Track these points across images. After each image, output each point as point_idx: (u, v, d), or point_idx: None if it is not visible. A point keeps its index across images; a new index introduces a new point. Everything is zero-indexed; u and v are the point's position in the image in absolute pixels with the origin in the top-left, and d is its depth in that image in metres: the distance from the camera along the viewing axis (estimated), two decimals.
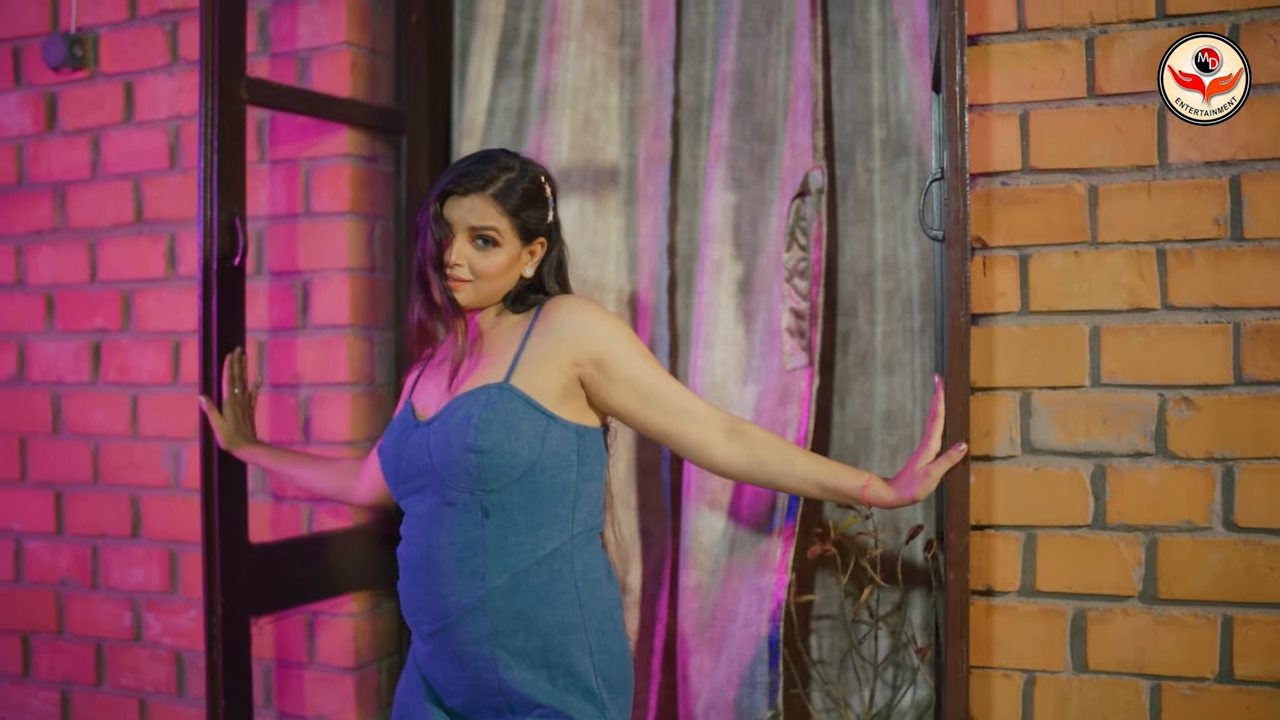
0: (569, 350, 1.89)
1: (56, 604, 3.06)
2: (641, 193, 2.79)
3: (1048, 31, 2.16)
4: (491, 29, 2.85)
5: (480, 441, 1.81)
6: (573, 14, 2.78)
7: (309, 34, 2.75)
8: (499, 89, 2.87)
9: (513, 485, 1.84)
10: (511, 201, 1.90)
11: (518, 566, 1.85)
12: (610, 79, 2.81)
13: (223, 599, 2.34)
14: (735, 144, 2.63)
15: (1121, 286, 2.11)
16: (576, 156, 2.78)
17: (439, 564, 1.86)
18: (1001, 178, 2.17)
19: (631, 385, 1.90)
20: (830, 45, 2.64)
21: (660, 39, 2.77)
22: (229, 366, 2.36)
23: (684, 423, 1.92)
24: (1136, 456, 2.10)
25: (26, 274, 3.09)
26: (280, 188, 2.78)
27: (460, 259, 1.90)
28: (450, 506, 1.86)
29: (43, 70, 3.03)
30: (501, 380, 1.87)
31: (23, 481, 3.11)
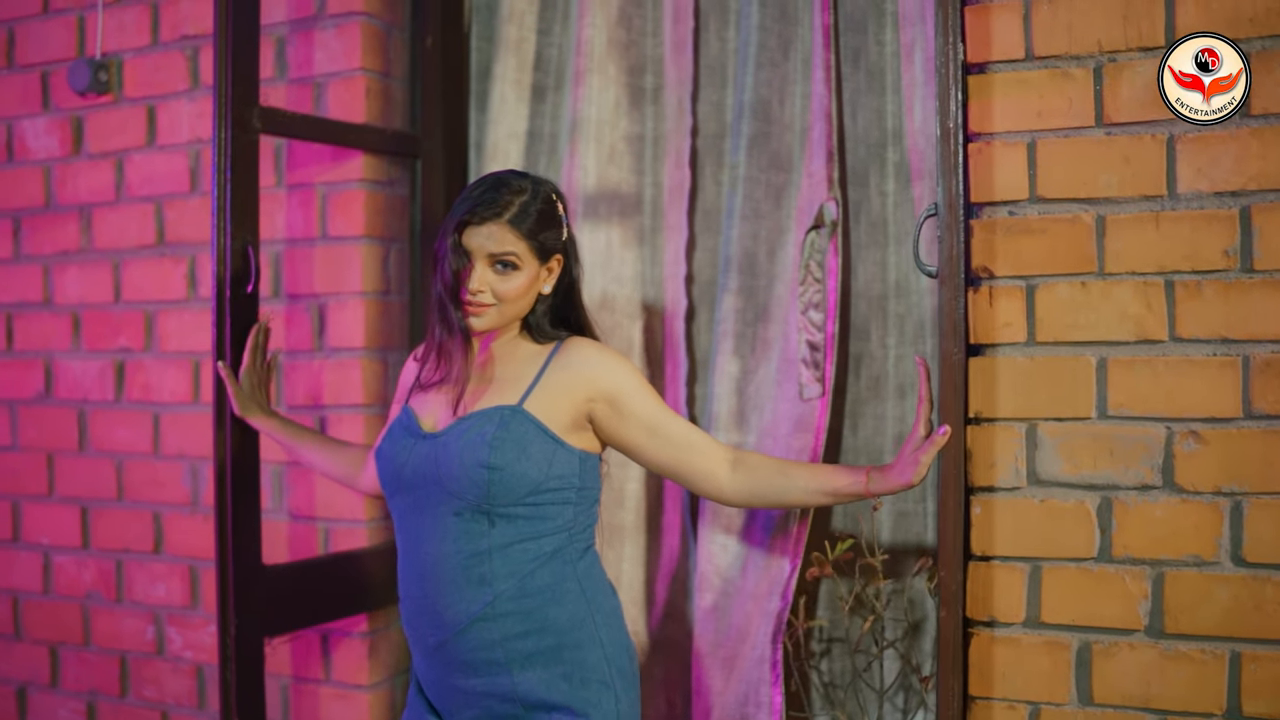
0: (584, 386, 1.98)
1: (83, 616, 3.12)
2: (665, 222, 2.80)
3: (1055, 60, 2.14)
4: (515, 54, 2.86)
5: (494, 459, 1.88)
6: (596, 45, 2.79)
7: (325, 60, 2.78)
8: (523, 114, 2.88)
9: (518, 502, 1.91)
10: (527, 224, 1.95)
11: (523, 570, 1.92)
12: (634, 109, 2.82)
13: (236, 620, 2.37)
14: (753, 174, 2.63)
15: (1129, 318, 2.08)
16: (603, 187, 2.80)
17: (444, 573, 1.91)
18: (1008, 207, 2.15)
19: (641, 421, 2.00)
20: (842, 70, 2.63)
21: (680, 68, 2.77)
22: (253, 336, 2.39)
23: (690, 456, 2.03)
24: (1143, 489, 2.07)
25: (54, 293, 3.15)
26: (297, 212, 2.82)
27: (482, 285, 1.95)
28: (456, 517, 1.91)
29: (69, 95, 3.09)
30: (515, 403, 1.94)
31: (50, 496, 3.17)
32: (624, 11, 2.81)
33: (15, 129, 3.20)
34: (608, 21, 2.80)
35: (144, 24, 3.01)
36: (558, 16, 2.90)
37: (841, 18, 2.62)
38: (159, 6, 2.99)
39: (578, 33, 2.82)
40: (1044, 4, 2.14)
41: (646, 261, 2.82)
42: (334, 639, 2.79)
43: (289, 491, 2.85)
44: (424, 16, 2.84)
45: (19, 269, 3.20)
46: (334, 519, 2.80)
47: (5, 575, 3.23)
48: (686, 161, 2.75)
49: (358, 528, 2.78)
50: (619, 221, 2.81)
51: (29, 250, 3.18)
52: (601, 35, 2.79)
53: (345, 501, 2.79)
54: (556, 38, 2.90)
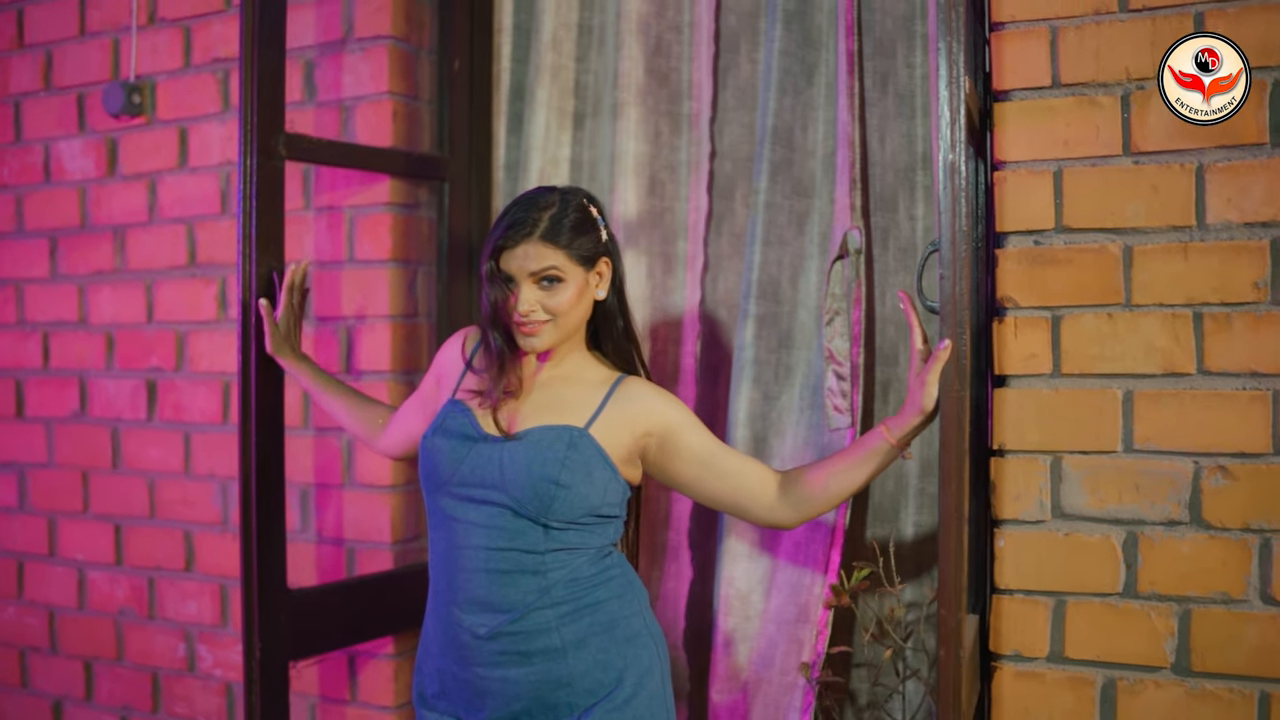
0: (642, 421, 2.03)
1: (116, 632, 3.16)
2: (696, 249, 2.80)
3: (1082, 87, 2.10)
4: (556, 81, 2.86)
5: (564, 477, 1.94)
6: (634, 77, 2.80)
7: (352, 84, 2.80)
8: (565, 140, 2.88)
9: (573, 522, 1.98)
10: (563, 236, 1.97)
11: (573, 563, 1.98)
12: (675, 136, 2.82)
13: (260, 644, 2.39)
14: (775, 200, 2.62)
15: (1156, 350, 2.05)
16: (645, 219, 2.80)
17: (500, 565, 1.95)
18: (1034, 236, 2.12)
19: (694, 454, 2.05)
20: (866, 96, 2.61)
21: (713, 93, 2.76)
22: (289, 275, 2.40)
23: (744, 484, 2.07)
24: (1170, 525, 2.04)
25: (89, 313, 3.19)
26: (325, 234, 2.84)
27: (531, 304, 1.98)
28: (516, 519, 1.96)
29: (104, 116, 3.12)
30: (582, 426, 1.99)
31: (85, 513, 3.21)
32: (662, 40, 2.81)
33: (52, 150, 3.25)
34: (645, 52, 2.80)
35: (176, 47, 3.04)
36: (594, 43, 2.89)
37: (869, 43, 2.60)
38: (191, 29, 3.02)
39: (616, 64, 2.82)
40: (1071, 31, 2.11)
41: (688, 285, 2.82)
42: (360, 660, 2.81)
43: (317, 513, 2.87)
44: (452, 39, 2.85)
45: (55, 288, 3.24)
46: (361, 541, 2.82)
47: (41, 590, 3.28)
48: (705, 187, 2.74)
49: (384, 550, 2.79)
50: (661, 251, 2.81)
51: (65, 270, 3.22)
52: (639, 67, 2.80)
53: (373, 524, 2.81)
54: (593, 64, 2.89)
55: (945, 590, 1.85)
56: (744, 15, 2.74)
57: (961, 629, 1.85)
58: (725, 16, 2.74)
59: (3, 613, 3.35)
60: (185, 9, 3.03)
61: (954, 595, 1.84)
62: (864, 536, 2.66)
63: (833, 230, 2.56)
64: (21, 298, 3.31)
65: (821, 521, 2.52)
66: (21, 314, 3.31)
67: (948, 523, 1.91)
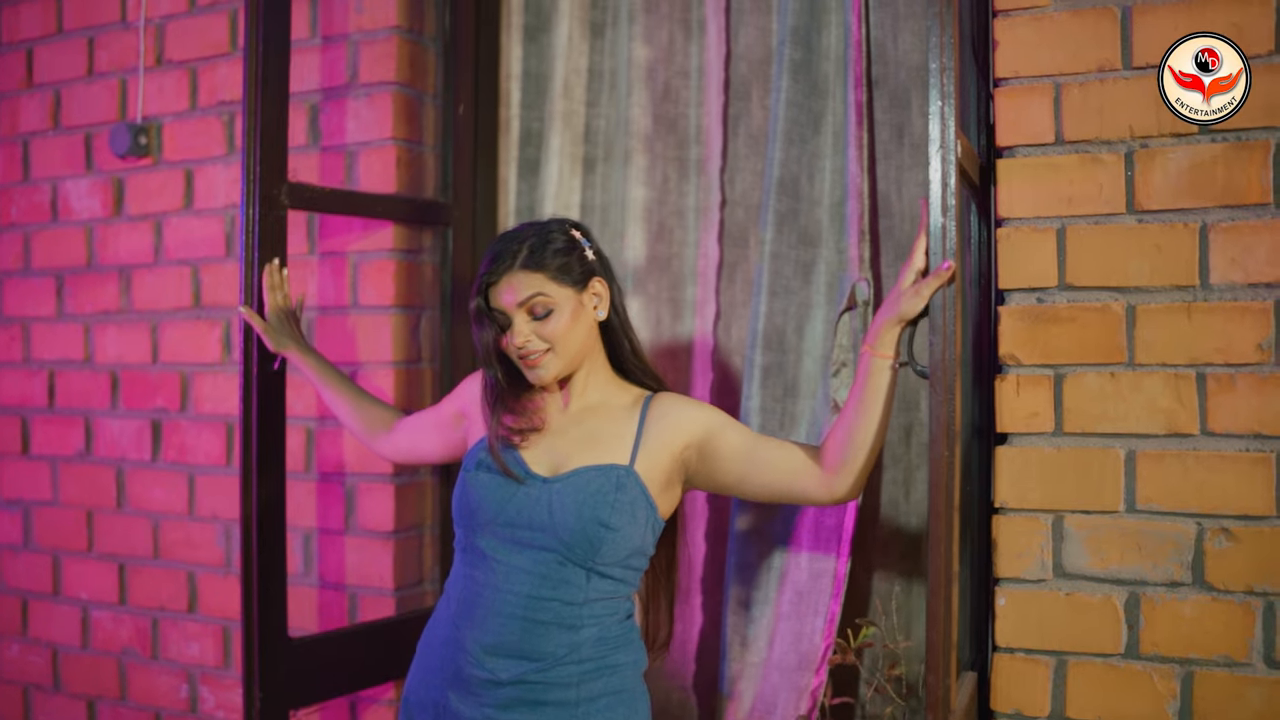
0: (680, 436, 2.01)
1: (119, 672, 3.16)
2: (707, 296, 2.80)
3: (1086, 144, 2.10)
4: (568, 127, 2.87)
5: (614, 520, 1.94)
6: (642, 123, 2.81)
7: (356, 129, 2.81)
8: (575, 186, 2.89)
9: (618, 564, 1.98)
10: (543, 260, 1.98)
11: (605, 620, 1.99)
12: (683, 181, 2.82)
13: (261, 694, 2.38)
14: (782, 250, 2.62)
15: (1159, 410, 2.04)
16: (653, 265, 2.82)
17: (538, 615, 1.95)
18: (1037, 294, 2.11)
19: (737, 451, 2.01)
20: (883, 148, 2.60)
21: (723, 141, 2.76)
22: (268, 275, 2.39)
23: (793, 470, 2.00)
24: (1172, 586, 2.03)
25: (94, 352, 3.20)
26: (329, 280, 2.84)
27: (525, 335, 1.98)
28: (560, 565, 1.95)
29: (111, 157, 3.14)
30: (627, 464, 1.99)
31: (89, 552, 3.21)
32: (670, 85, 2.81)
33: (60, 189, 3.26)
34: (653, 98, 2.81)
35: (183, 89, 3.05)
36: (604, 88, 2.90)
37: (883, 95, 2.59)
38: (197, 72, 3.03)
39: (626, 110, 2.83)
40: (1075, 87, 2.10)
41: (701, 331, 2.82)
42: (362, 705, 2.81)
43: (319, 558, 2.87)
44: (456, 85, 2.86)
45: (61, 327, 3.25)
46: (362, 587, 2.82)
47: (45, 628, 3.28)
48: (716, 236, 2.74)
49: (386, 596, 2.79)
50: (669, 296, 2.81)
51: (71, 309, 3.23)
52: (647, 113, 2.81)
53: (374, 570, 2.80)
54: (604, 109, 2.90)
55: (933, 658, 1.83)
56: (755, 63, 2.74)
57: (951, 695, 1.83)
58: (735, 65, 2.74)
59: (6, 650, 3.36)
60: (191, 51, 3.04)
61: (942, 663, 1.83)
62: (869, 584, 2.65)
63: (841, 281, 2.56)
64: (28, 336, 3.32)
65: (824, 570, 2.52)
66: (28, 352, 3.32)
67: (936, 589, 1.88)
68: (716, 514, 2.77)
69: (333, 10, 2.85)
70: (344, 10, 2.84)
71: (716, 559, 2.77)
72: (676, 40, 2.82)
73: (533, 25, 2.92)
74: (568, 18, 2.87)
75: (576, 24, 2.87)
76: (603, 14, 2.89)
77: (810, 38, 2.61)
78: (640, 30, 2.83)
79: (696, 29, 2.81)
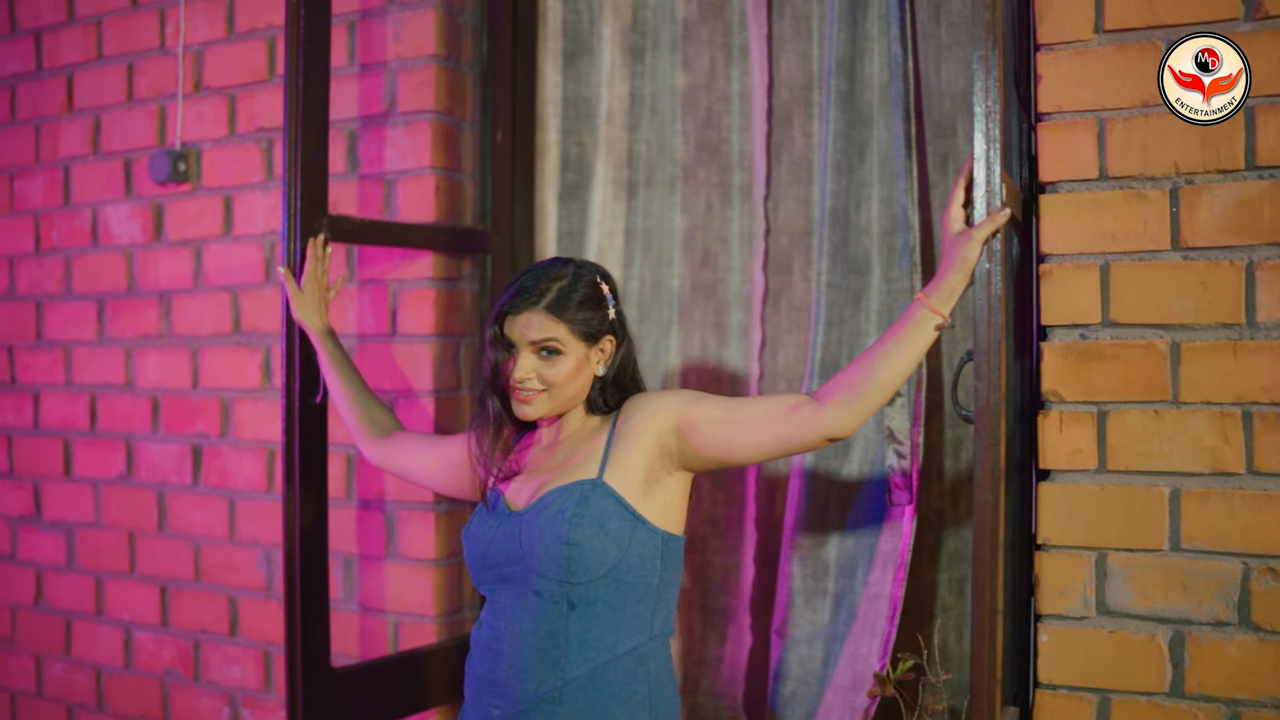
0: (649, 427, 1.96)
1: (162, 693, 3.20)
2: (753, 322, 2.81)
3: (1130, 180, 2.08)
4: (611, 153, 2.88)
5: (572, 534, 1.88)
6: (685, 150, 2.82)
7: (395, 158, 2.82)
8: (620, 212, 2.90)
9: (598, 580, 1.91)
10: (568, 310, 1.96)
11: (597, 661, 1.91)
12: (726, 207, 2.83)
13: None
14: (836, 281, 2.63)
15: (1204, 449, 2.03)
16: (697, 292, 2.83)
17: (521, 651, 1.92)
18: (1080, 330, 2.11)
19: (715, 419, 1.93)
20: (931, 176, 2.60)
21: (767, 170, 2.76)
22: (313, 245, 2.39)
23: (778, 421, 1.91)
24: (1218, 626, 2.02)
25: (135, 377, 3.23)
26: (369, 308, 2.86)
27: (528, 372, 1.97)
28: (537, 596, 1.92)
29: (150, 182, 3.16)
30: (595, 477, 1.94)
31: (131, 574, 3.25)
32: (711, 111, 2.82)
33: (100, 214, 3.29)
34: (696, 123, 2.82)
35: (221, 115, 3.07)
36: (645, 112, 2.91)
37: (928, 126, 2.60)
38: (236, 98, 3.05)
39: (668, 136, 2.84)
40: (1119, 123, 2.09)
41: (746, 356, 2.83)
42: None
43: (360, 584, 2.89)
44: (494, 112, 2.87)
45: (103, 351, 3.28)
46: (404, 613, 2.84)
47: (89, 649, 3.32)
48: (760, 265, 2.74)
49: (427, 623, 2.81)
50: (715, 322, 2.83)
51: (112, 333, 3.26)
52: (690, 140, 2.82)
53: (415, 597, 2.82)
54: (644, 134, 2.90)
55: (978, 700, 1.83)
56: (796, 89, 2.74)
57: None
58: (778, 91, 2.75)
59: (51, 669, 3.40)
60: (230, 78, 3.06)
61: (987, 706, 1.83)
62: (927, 604, 2.65)
63: (893, 311, 2.57)
64: (70, 359, 3.35)
65: (880, 594, 2.52)
66: (70, 375, 3.35)
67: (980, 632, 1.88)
68: (766, 537, 2.78)
69: (371, 38, 2.86)
70: (382, 38, 2.85)
71: (765, 581, 2.78)
72: (718, 66, 2.82)
73: (570, 50, 2.92)
74: (608, 43, 2.88)
75: (617, 49, 2.88)
76: (642, 39, 2.89)
77: (853, 67, 2.62)
78: (681, 56, 2.84)
79: (738, 54, 2.82)
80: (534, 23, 2.92)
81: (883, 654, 2.50)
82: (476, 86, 2.91)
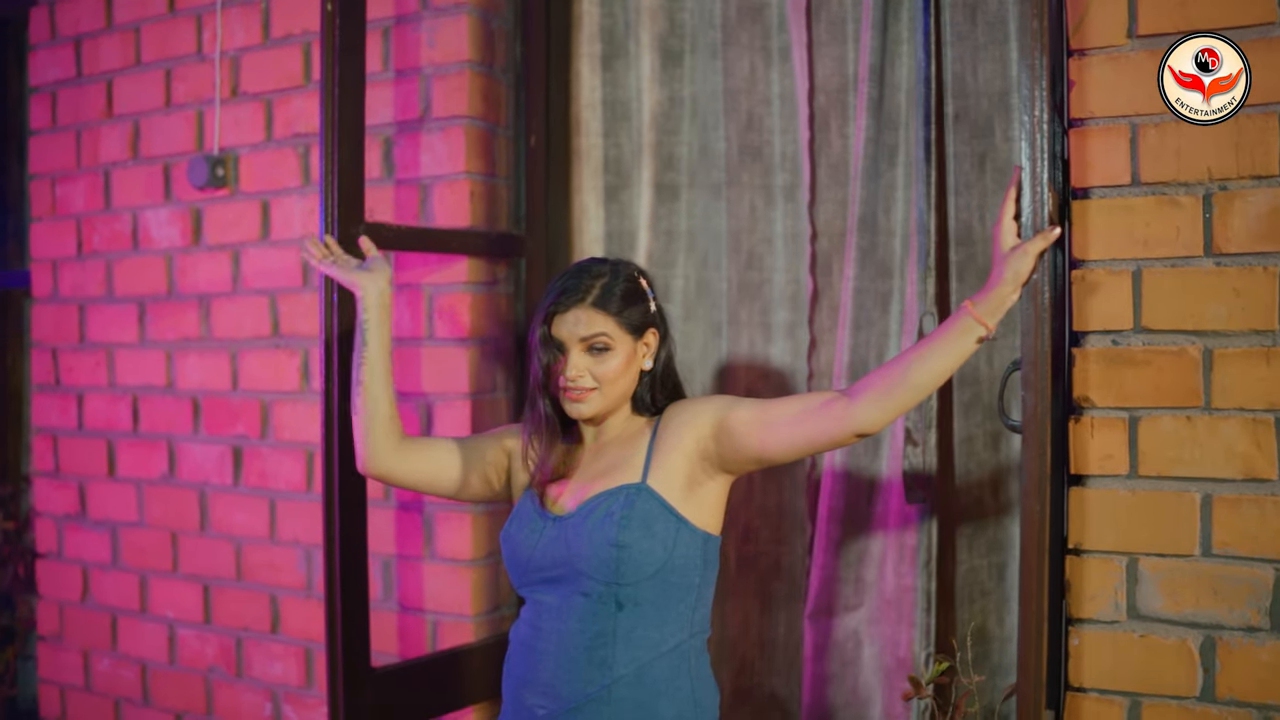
0: (688, 431, 2.00)
1: (206, 689, 3.26)
2: (796, 321, 2.85)
3: (1163, 186, 2.09)
4: (653, 154, 2.91)
5: (621, 537, 1.93)
6: (729, 153, 2.85)
7: (430, 163, 2.85)
8: (663, 214, 2.93)
9: (645, 581, 1.96)
10: (613, 304, 2.00)
11: (643, 659, 1.96)
12: (770, 208, 2.86)
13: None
14: (864, 285, 2.65)
15: (1236, 455, 2.03)
16: (743, 293, 2.86)
17: (568, 651, 1.96)
18: (1112, 336, 2.11)
19: (750, 421, 1.97)
20: (957, 180, 2.61)
21: (810, 175, 2.78)
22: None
23: (810, 418, 1.94)
24: (1249, 631, 2.03)
25: (176, 379, 3.28)
26: (404, 312, 2.89)
27: (580, 370, 1.99)
28: (585, 597, 1.96)
29: (189, 187, 3.20)
30: (639, 480, 1.99)
31: (175, 572, 3.31)
32: (753, 114, 2.85)
33: (140, 219, 3.34)
34: (737, 126, 2.85)
35: (258, 121, 3.11)
36: (686, 115, 2.92)
37: (962, 127, 2.60)
38: (272, 103, 3.09)
39: (708, 138, 2.87)
40: (1152, 129, 2.09)
41: (795, 354, 2.87)
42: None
43: (399, 584, 2.94)
44: (528, 116, 2.89)
45: (144, 353, 3.34)
46: (442, 612, 2.88)
47: (134, 644, 3.39)
48: (808, 268, 2.77)
49: (464, 622, 2.85)
50: (761, 321, 2.86)
51: (153, 336, 3.32)
52: (734, 145, 2.84)
53: (453, 596, 2.87)
54: (686, 136, 2.92)
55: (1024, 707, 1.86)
56: (832, 93, 2.76)
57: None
58: (816, 97, 2.76)
59: (99, 664, 3.47)
60: (267, 83, 3.10)
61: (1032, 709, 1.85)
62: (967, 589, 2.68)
63: (912, 313, 2.58)
64: (112, 361, 3.41)
65: (910, 585, 2.57)
66: (113, 377, 3.41)
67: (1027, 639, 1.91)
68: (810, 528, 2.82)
69: (405, 44, 2.89)
70: (416, 44, 2.88)
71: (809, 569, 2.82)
72: (758, 69, 2.84)
73: (608, 53, 2.94)
74: (647, 46, 2.90)
75: (655, 52, 2.90)
76: (680, 41, 2.91)
77: (884, 72, 2.63)
78: (721, 59, 2.86)
79: (777, 57, 2.83)
80: (568, 27, 2.95)
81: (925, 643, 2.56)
82: (510, 91, 2.93)
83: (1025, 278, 1.88)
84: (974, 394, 2.63)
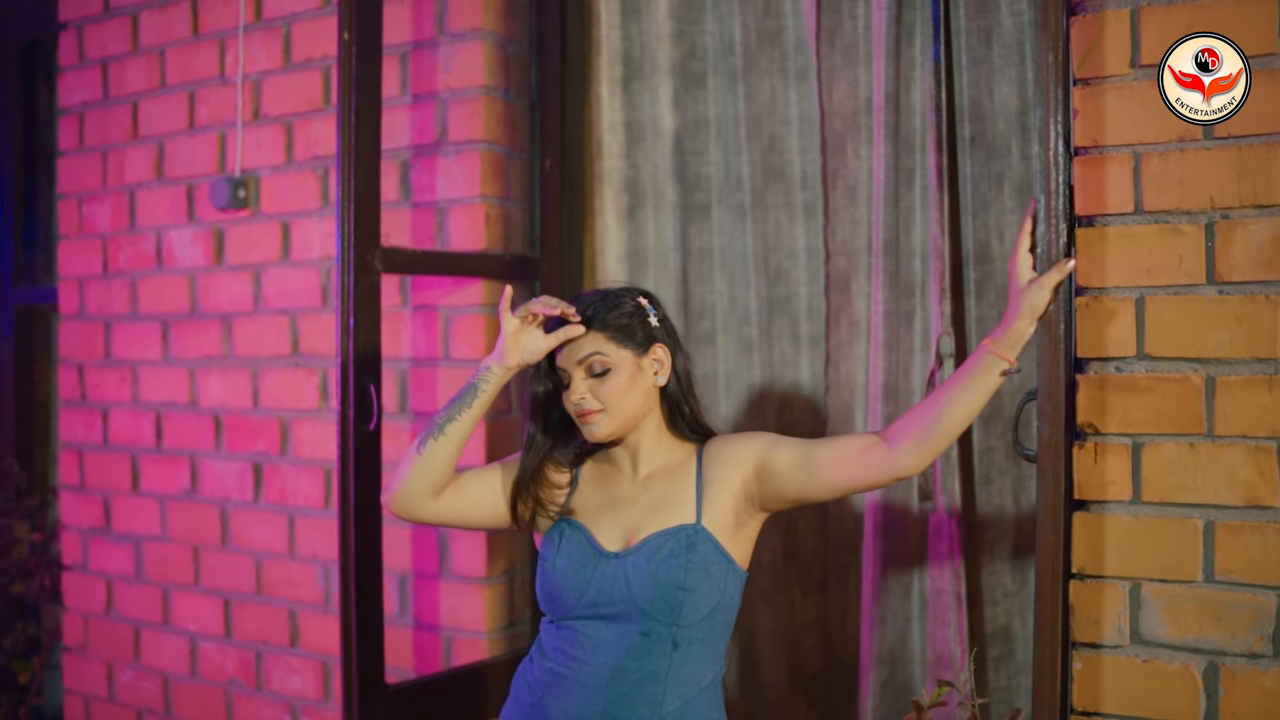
0: (737, 470, 2.04)
1: (226, 701, 3.31)
2: (817, 336, 2.88)
3: (1166, 214, 2.10)
4: (675, 174, 2.95)
5: (689, 580, 1.97)
6: (753, 174, 2.89)
7: (446, 186, 2.90)
8: (690, 234, 2.97)
9: (701, 622, 2.00)
10: (606, 323, 2.03)
11: (688, 695, 2.01)
12: (794, 225, 2.89)
13: None
14: (891, 308, 2.69)
15: (1239, 482, 2.04)
16: (773, 309, 2.90)
17: (621, 688, 1.98)
18: (1115, 363, 2.13)
19: (791, 463, 2.02)
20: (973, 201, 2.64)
21: (824, 197, 2.82)
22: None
23: (851, 462, 1.99)
24: (1252, 658, 2.04)
25: (199, 396, 3.34)
26: (421, 333, 2.94)
27: (581, 393, 2.02)
28: (644, 637, 1.99)
29: (211, 208, 3.26)
30: (695, 521, 2.02)
31: (196, 586, 3.37)
32: (774, 135, 2.88)
33: (164, 238, 3.40)
34: (760, 147, 2.88)
35: (279, 143, 3.16)
36: (709, 136, 2.96)
37: (979, 149, 2.63)
38: (293, 126, 3.14)
39: (730, 159, 2.91)
40: (1155, 157, 2.11)
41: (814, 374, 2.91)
42: None
43: (414, 600, 2.98)
44: (543, 140, 2.93)
45: (167, 370, 3.40)
46: (456, 629, 2.92)
47: (156, 657, 3.45)
48: (823, 289, 2.81)
49: (479, 639, 2.89)
50: (790, 335, 2.90)
51: (176, 354, 3.38)
52: (758, 167, 2.88)
53: (468, 613, 2.91)
54: (710, 156, 2.96)
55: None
56: (847, 116, 2.79)
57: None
58: (830, 120, 2.79)
59: (122, 675, 3.53)
60: (287, 106, 3.15)
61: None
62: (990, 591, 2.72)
63: (930, 332, 2.62)
64: (136, 378, 3.48)
65: (942, 588, 2.63)
66: (136, 393, 3.48)
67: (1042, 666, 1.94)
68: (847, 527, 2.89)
69: (422, 69, 2.94)
70: (432, 69, 2.93)
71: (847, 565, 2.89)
72: (778, 91, 2.87)
73: (628, 76, 2.98)
74: (666, 70, 2.93)
75: (676, 75, 2.94)
76: (703, 64, 2.94)
77: (899, 98, 2.66)
78: (743, 83, 2.89)
79: (795, 79, 2.86)
80: (583, 52, 2.99)
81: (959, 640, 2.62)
82: (525, 115, 2.98)
83: (1042, 311, 1.93)
84: (994, 407, 2.65)
